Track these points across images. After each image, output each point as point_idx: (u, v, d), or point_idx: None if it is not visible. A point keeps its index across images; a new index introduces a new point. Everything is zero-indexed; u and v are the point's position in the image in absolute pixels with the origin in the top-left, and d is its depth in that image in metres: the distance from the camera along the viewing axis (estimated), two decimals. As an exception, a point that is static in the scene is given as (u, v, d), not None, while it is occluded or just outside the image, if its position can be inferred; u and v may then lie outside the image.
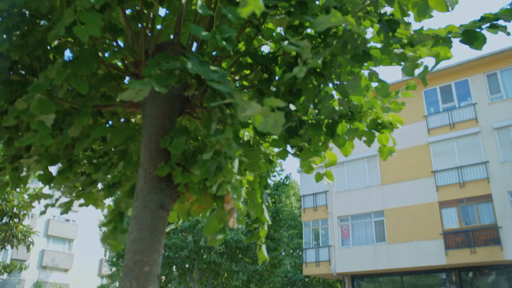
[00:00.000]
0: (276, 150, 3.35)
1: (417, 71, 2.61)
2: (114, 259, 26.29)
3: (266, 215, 3.18)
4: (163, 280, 28.21)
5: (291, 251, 34.56)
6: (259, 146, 3.16)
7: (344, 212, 24.58)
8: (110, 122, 3.31)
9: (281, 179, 29.10)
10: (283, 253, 33.90)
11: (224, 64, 3.24)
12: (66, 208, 3.54)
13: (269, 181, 25.52)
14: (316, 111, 3.03)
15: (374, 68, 2.84)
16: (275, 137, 3.02)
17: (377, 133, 3.15)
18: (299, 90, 2.89)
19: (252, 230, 3.21)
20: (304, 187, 26.70)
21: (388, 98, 3.00)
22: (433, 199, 21.93)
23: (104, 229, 31.66)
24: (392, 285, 24.28)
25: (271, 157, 3.20)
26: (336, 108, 3.01)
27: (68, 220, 41.47)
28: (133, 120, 3.39)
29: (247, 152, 2.79)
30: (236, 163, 2.54)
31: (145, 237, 2.51)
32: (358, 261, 23.46)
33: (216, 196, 2.76)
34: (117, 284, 39.41)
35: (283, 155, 3.05)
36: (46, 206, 3.50)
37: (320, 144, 3.04)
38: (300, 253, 31.42)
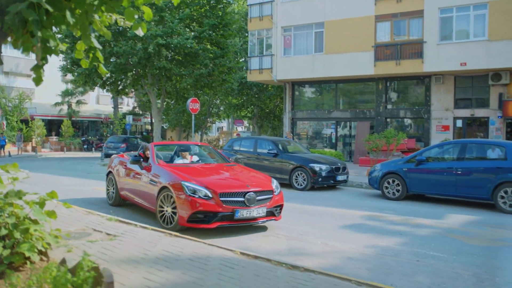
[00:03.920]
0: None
1: None
2: (69, 66, 27.18)
3: (95, 43, 4.34)
4: (119, 86, 29.84)
5: (244, 58, 35.76)
6: None
7: (288, 22, 25.46)
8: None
9: None
10: (240, 59, 35.39)
11: None
12: None
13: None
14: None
15: None
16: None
17: None
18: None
19: (88, 55, 4.41)
20: (252, -3, 26.88)
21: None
22: (370, 12, 22.88)
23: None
24: (327, 91, 26.82)
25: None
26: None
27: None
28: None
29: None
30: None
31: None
32: (297, 69, 25.35)
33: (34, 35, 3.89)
34: (80, 89, 41.19)
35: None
36: None
37: None
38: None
